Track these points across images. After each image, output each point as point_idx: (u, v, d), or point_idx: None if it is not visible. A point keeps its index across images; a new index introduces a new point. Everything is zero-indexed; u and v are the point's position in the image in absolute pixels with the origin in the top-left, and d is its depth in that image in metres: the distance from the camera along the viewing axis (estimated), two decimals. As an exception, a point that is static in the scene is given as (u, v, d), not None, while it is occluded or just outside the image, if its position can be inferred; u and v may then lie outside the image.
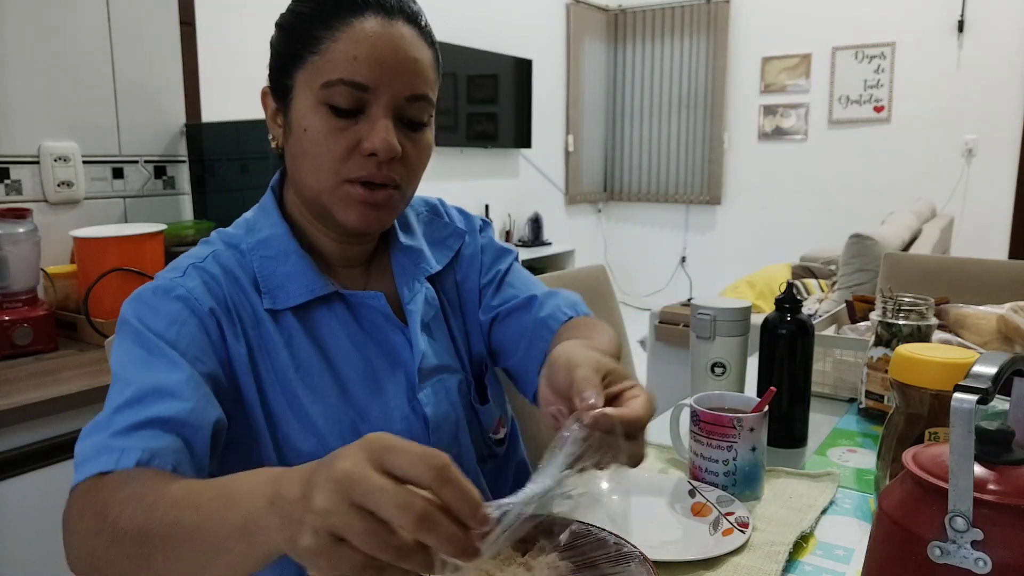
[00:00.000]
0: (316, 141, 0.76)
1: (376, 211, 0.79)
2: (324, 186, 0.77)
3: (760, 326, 1.09)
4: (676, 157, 5.68)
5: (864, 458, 1.03)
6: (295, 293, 0.81)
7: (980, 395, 0.48)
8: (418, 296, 0.89)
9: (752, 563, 0.72)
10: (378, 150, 0.75)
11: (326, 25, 0.75)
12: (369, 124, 0.75)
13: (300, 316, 0.81)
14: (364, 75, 0.74)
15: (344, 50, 0.74)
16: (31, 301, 1.58)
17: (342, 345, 0.83)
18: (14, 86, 1.69)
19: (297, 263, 0.81)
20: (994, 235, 4.52)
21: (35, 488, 1.31)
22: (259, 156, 1.95)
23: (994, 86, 4.42)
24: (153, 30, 1.93)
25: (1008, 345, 1.24)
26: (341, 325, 0.83)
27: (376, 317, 0.85)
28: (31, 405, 1.28)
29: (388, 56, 0.75)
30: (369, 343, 0.85)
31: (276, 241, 0.82)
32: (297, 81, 0.77)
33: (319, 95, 0.75)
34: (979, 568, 0.48)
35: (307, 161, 0.77)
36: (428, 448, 0.45)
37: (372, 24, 0.75)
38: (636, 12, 5.71)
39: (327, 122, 0.75)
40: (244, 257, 0.82)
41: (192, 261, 0.80)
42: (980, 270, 1.82)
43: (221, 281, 0.79)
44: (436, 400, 0.86)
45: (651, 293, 5.80)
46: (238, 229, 0.85)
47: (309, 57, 0.76)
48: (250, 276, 0.81)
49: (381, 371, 0.85)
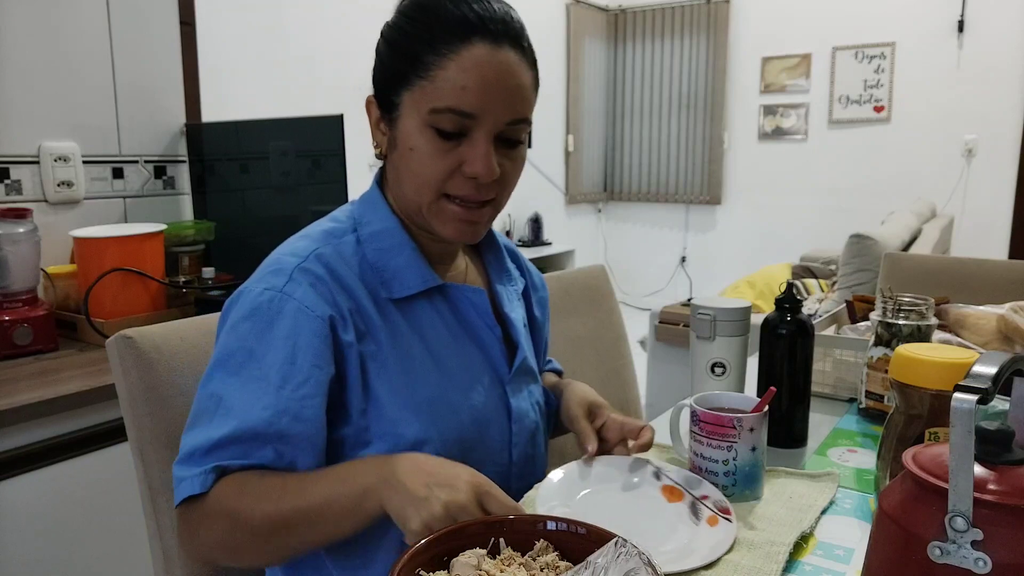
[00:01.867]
0: (421, 161, 0.79)
1: (472, 226, 0.84)
2: (425, 200, 0.81)
3: (760, 326, 1.09)
4: (676, 157, 5.68)
5: (864, 458, 1.03)
6: (410, 283, 0.84)
7: (980, 395, 0.49)
8: (516, 304, 0.97)
9: (752, 563, 0.72)
10: (480, 175, 0.79)
11: (434, 51, 0.77)
12: (471, 148, 0.79)
13: (403, 307, 0.84)
14: (471, 104, 0.77)
15: (453, 79, 0.76)
16: (31, 301, 1.58)
17: (441, 336, 0.87)
18: (14, 86, 1.69)
19: (411, 255, 0.85)
20: (994, 235, 4.52)
21: (35, 488, 1.31)
22: (259, 156, 1.95)
23: (994, 86, 4.42)
24: (153, 30, 1.93)
25: (1008, 345, 1.24)
26: (440, 317, 0.87)
27: (471, 313, 0.89)
28: (31, 405, 1.28)
29: (494, 85, 0.77)
30: (464, 336, 0.89)
31: (389, 234, 0.85)
32: (404, 100, 0.80)
33: (426, 118, 0.78)
34: (979, 568, 0.48)
35: (411, 177, 0.81)
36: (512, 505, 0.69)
37: (480, 52, 0.76)
38: (636, 12, 5.71)
39: (432, 144, 0.78)
40: (352, 248, 0.84)
41: (297, 262, 0.80)
42: (980, 270, 1.82)
43: (327, 281, 0.80)
44: (520, 399, 0.93)
45: (651, 293, 5.80)
46: (339, 223, 0.87)
47: (417, 80, 0.78)
48: (355, 269, 0.83)
49: (475, 364, 0.89)
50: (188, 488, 0.73)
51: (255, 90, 2.97)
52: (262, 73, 3.05)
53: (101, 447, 1.39)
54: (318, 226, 0.87)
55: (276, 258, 0.83)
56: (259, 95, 2.97)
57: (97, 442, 1.39)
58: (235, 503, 0.72)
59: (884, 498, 0.56)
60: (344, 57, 3.35)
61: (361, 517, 0.70)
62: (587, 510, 0.79)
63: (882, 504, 0.55)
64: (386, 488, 0.68)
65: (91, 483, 1.39)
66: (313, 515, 0.70)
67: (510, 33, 0.79)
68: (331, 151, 1.75)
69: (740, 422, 0.86)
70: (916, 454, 0.56)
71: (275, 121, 1.92)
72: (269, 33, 3.11)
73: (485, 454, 0.88)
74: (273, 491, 0.72)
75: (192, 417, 0.78)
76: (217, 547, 0.75)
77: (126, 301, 1.62)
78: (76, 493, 1.37)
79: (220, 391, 0.76)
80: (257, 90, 2.98)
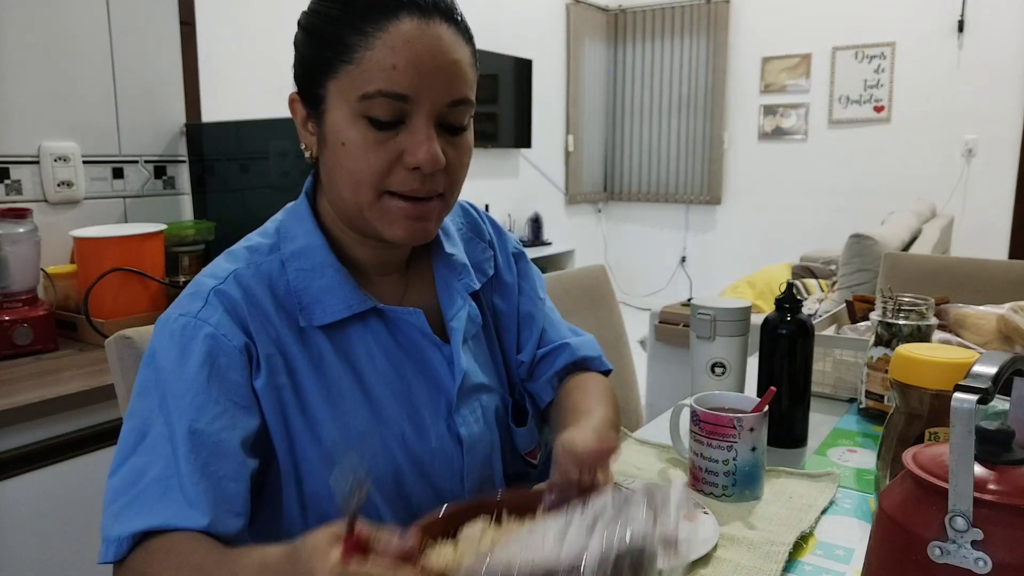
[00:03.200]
0: (355, 156, 0.72)
1: (422, 223, 0.75)
2: (365, 200, 0.73)
3: (760, 326, 1.09)
4: (676, 157, 5.68)
5: (864, 458, 1.03)
6: (332, 309, 0.76)
7: (980, 395, 0.49)
8: (461, 312, 0.85)
9: (752, 563, 0.72)
10: (422, 164, 0.71)
11: (357, 31, 0.69)
12: (410, 135, 0.71)
13: (331, 333, 0.77)
14: (404, 85, 0.69)
15: (381, 59, 0.69)
16: (31, 301, 1.58)
17: (377, 363, 0.79)
18: (14, 86, 1.69)
19: (334, 276, 0.77)
20: (994, 235, 4.52)
21: (35, 488, 1.31)
22: (259, 156, 1.95)
23: (994, 86, 4.42)
24: (153, 30, 1.93)
25: (1008, 345, 1.24)
26: (376, 341, 0.80)
27: (413, 333, 0.82)
28: (31, 405, 1.28)
29: (428, 62, 0.70)
30: (405, 360, 0.81)
31: (312, 253, 0.78)
32: (329, 91, 0.72)
33: (356, 107, 0.70)
34: (979, 568, 0.48)
35: (346, 175, 0.73)
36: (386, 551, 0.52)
37: (408, 27, 0.69)
38: (636, 12, 5.71)
39: (366, 135, 0.71)
40: (277, 268, 0.77)
41: (214, 284, 0.75)
42: (980, 270, 1.82)
43: (242, 306, 0.74)
44: (472, 421, 0.84)
45: (651, 293, 5.80)
46: (265, 237, 0.81)
47: (342, 66, 0.70)
48: (276, 292, 0.76)
49: (417, 389, 0.81)
50: (103, 554, 0.67)
51: (255, 90, 2.97)
52: (262, 73, 3.05)
53: (101, 447, 1.39)
54: (246, 241, 0.81)
55: (197, 279, 0.77)
56: (259, 95, 2.97)
57: (97, 442, 1.39)
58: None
59: (884, 498, 0.56)
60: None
61: None
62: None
63: (882, 504, 0.55)
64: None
65: (91, 483, 1.39)
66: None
67: (440, 6, 0.72)
68: (331, 151, 1.75)
69: (740, 422, 0.86)
70: (916, 454, 0.56)
71: (275, 121, 1.91)
72: (269, 33, 3.11)
73: (430, 487, 0.81)
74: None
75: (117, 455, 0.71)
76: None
77: (126, 301, 1.62)
78: (76, 493, 1.37)
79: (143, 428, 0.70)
80: (257, 90, 2.98)
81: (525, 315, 0.96)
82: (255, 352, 0.74)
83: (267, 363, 0.74)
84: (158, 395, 0.71)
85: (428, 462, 0.81)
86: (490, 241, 0.96)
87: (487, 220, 0.98)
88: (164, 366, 0.72)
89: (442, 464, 0.81)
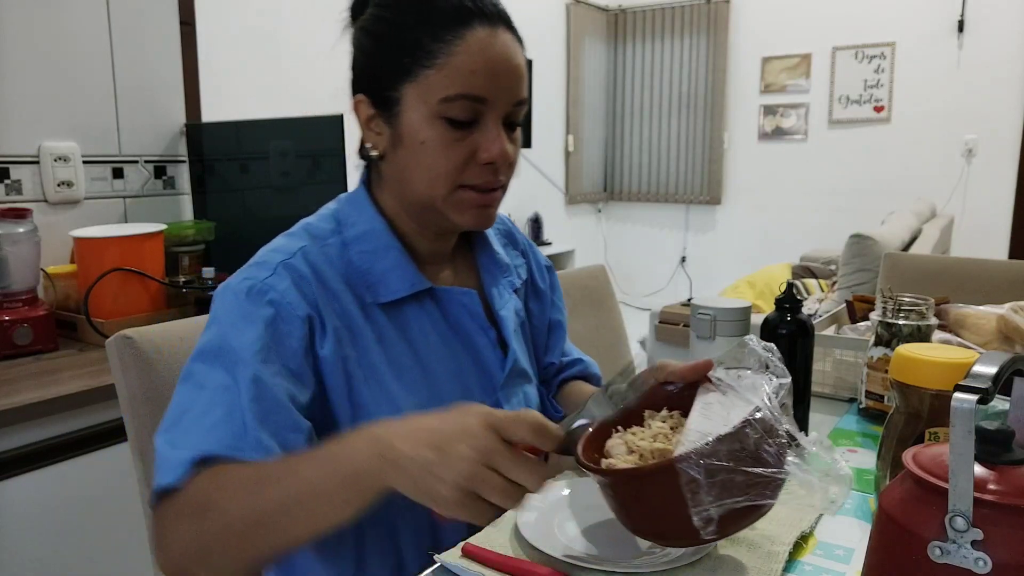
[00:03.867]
0: (434, 153, 0.77)
1: (488, 210, 0.82)
2: (440, 193, 0.79)
3: (760, 326, 1.09)
4: (676, 157, 5.68)
5: (864, 458, 1.02)
6: (395, 287, 0.82)
7: (980, 395, 0.48)
8: (509, 304, 0.93)
9: (752, 563, 0.72)
10: (496, 159, 0.78)
11: (437, 37, 0.75)
12: (484, 134, 0.77)
13: (390, 312, 0.82)
14: (482, 88, 0.75)
15: (461, 64, 0.75)
16: (31, 301, 1.58)
17: (432, 342, 0.84)
18: (14, 86, 1.69)
19: (397, 258, 0.83)
20: (994, 235, 4.52)
21: (35, 488, 1.31)
22: (259, 156, 1.95)
23: (994, 86, 4.42)
24: (153, 30, 1.93)
25: (1008, 345, 1.24)
26: (431, 321, 0.85)
27: (464, 316, 0.87)
28: (31, 405, 1.28)
29: (501, 67, 0.76)
30: (456, 341, 0.86)
31: (375, 236, 0.83)
32: (405, 93, 0.77)
33: (436, 109, 0.76)
34: (979, 568, 0.48)
35: (423, 171, 0.78)
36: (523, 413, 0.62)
37: (482, 34, 0.75)
38: (636, 12, 5.71)
39: (444, 134, 0.76)
40: (337, 251, 0.81)
41: (282, 258, 0.78)
42: (980, 270, 1.82)
43: (311, 281, 0.78)
44: (516, 403, 0.90)
45: (651, 293, 5.80)
46: (324, 222, 0.84)
47: (421, 71, 0.76)
48: (340, 271, 0.80)
49: (467, 369, 0.87)
50: (163, 477, 0.67)
51: (255, 90, 2.97)
52: (262, 73, 3.05)
53: (101, 447, 1.39)
54: (304, 225, 0.85)
55: (260, 254, 0.81)
56: (259, 95, 2.97)
57: (97, 442, 1.39)
58: (209, 496, 0.65)
59: (884, 498, 0.56)
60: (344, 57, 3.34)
61: (353, 506, 0.62)
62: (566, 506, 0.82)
63: (882, 504, 0.55)
64: (387, 466, 0.60)
65: (91, 483, 1.39)
66: (296, 507, 0.62)
67: (502, 15, 0.78)
68: (331, 151, 1.75)
69: (740, 422, 0.86)
70: (916, 454, 0.56)
71: (275, 121, 1.92)
72: (269, 33, 3.11)
73: None
74: (251, 481, 0.65)
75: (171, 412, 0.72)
76: (184, 553, 0.66)
77: (126, 301, 1.62)
78: (76, 493, 1.37)
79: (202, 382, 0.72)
80: (257, 90, 2.98)
81: (555, 323, 1.05)
82: (322, 323, 0.77)
83: (334, 333, 0.77)
84: (219, 352, 0.73)
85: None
86: (523, 250, 1.04)
87: (518, 231, 1.06)
88: (226, 325, 0.74)
89: None
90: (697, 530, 0.61)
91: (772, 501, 0.64)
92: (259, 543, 0.64)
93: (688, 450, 0.61)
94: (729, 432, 0.61)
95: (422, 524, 0.83)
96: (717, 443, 0.60)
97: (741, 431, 0.61)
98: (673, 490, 0.60)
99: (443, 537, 0.81)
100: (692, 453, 0.60)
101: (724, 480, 0.60)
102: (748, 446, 0.61)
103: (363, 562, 0.81)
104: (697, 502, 0.60)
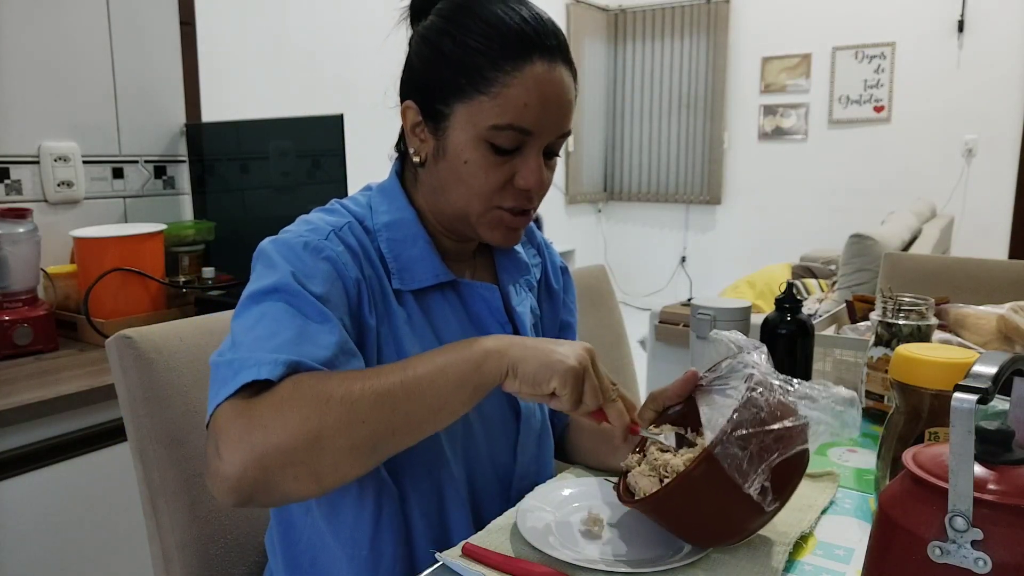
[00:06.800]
0: (475, 174, 0.80)
1: (516, 232, 0.86)
2: (474, 210, 0.82)
3: (760, 326, 1.09)
4: (676, 157, 5.68)
5: (864, 458, 1.02)
6: (421, 276, 0.84)
7: (980, 395, 0.48)
8: (525, 301, 0.96)
9: (752, 563, 0.72)
10: (532, 188, 0.81)
11: (497, 67, 0.76)
12: (524, 162, 0.80)
13: (418, 299, 0.85)
14: (530, 122, 0.78)
15: (515, 96, 0.76)
16: (31, 301, 1.58)
17: (453, 331, 0.87)
18: (14, 86, 1.69)
19: (425, 248, 0.85)
20: (994, 235, 4.52)
21: (35, 488, 1.31)
22: (259, 156, 1.95)
23: (994, 86, 4.42)
24: (153, 30, 1.93)
25: (1008, 345, 1.24)
26: (453, 312, 0.87)
27: (482, 309, 0.89)
28: (31, 405, 1.28)
29: (552, 103, 0.78)
30: (475, 333, 0.87)
31: (405, 225, 0.85)
32: (456, 111, 0.79)
33: (483, 133, 0.78)
34: (979, 568, 0.48)
35: (463, 188, 0.81)
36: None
37: (540, 69, 0.77)
38: (636, 12, 5.71)
39: (487, 157, 0.79)
40: (367, 235, 0.84)
41: (332, 228, 0.80)
42: (980, 270, 1.82)
43: (358, 252, 0.80)
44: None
45: (651, 293, 5.80)
46: (358, 206, 0.86)
47: (476, 95, 0.77)
48: (375, 253, 0.83)
49: None
50: (256, 372, 0.65)
51: (255, 90, 2.97)
52: (262, 73, 3.05)
53: (101, 447, 1.39)
54: (341, 205, 0.86)
55: (308, 219, 0.82)
56: (259, 95, 2.97)
57: (97, 442, 1.39)
58: (320, 386, 0.65)
59: (884, 498, 0.56)
60: (345, 57, 3.35)
61: (474, 385, 0.68)
62: (570, 507, 0.82)
63: (882, 504, 0.55)
64: (513, 349, 0.69)
65: (91, 483, 1.39)
66: (422, 385, 0.66)
67: (562, 49, 0.80)
68: (331, 151, 1.75)
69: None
70: (916, 454, 0.56)
71: (275, 121, 1.92)
72: (269, 33, 3.11)
73: (489, 454, 0.88)
74: (364, 373, 0.68)
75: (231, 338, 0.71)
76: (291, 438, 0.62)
77: (126, 301, 1.62)
78: (76, 493, 1.37)
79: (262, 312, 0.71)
80: (257, 90, 2.98)
81: (565, 324, 1.06)
82: (370, 293, 0.80)
83: (374, 308, 0.81)
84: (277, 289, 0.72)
85: (490, 428, 0.88)
86: (539, 248, 1.05)
87: (536, 231, 1.06)
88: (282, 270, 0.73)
89: (500, 433, 0.90)
90: (759, 505, 0.66)
91: (805, 446, 0.70)
92: (379, 425, 0.65)
93: (716, 437, 0.66)
94: (742, 403, 0.67)
95: (433, 522, 0.84)
96: (737, 416, 0.66)
97: (750, 398, 0.67)
98: (722, 477, 0.65)
99: (454, 536, 0.82)
100: (721, 434, 0.65)
101: (757, 446, 0.65)
102: (761, 406, 0.67)
103: (380, 554, 0.82)
104: (745, 476, 0.65)
